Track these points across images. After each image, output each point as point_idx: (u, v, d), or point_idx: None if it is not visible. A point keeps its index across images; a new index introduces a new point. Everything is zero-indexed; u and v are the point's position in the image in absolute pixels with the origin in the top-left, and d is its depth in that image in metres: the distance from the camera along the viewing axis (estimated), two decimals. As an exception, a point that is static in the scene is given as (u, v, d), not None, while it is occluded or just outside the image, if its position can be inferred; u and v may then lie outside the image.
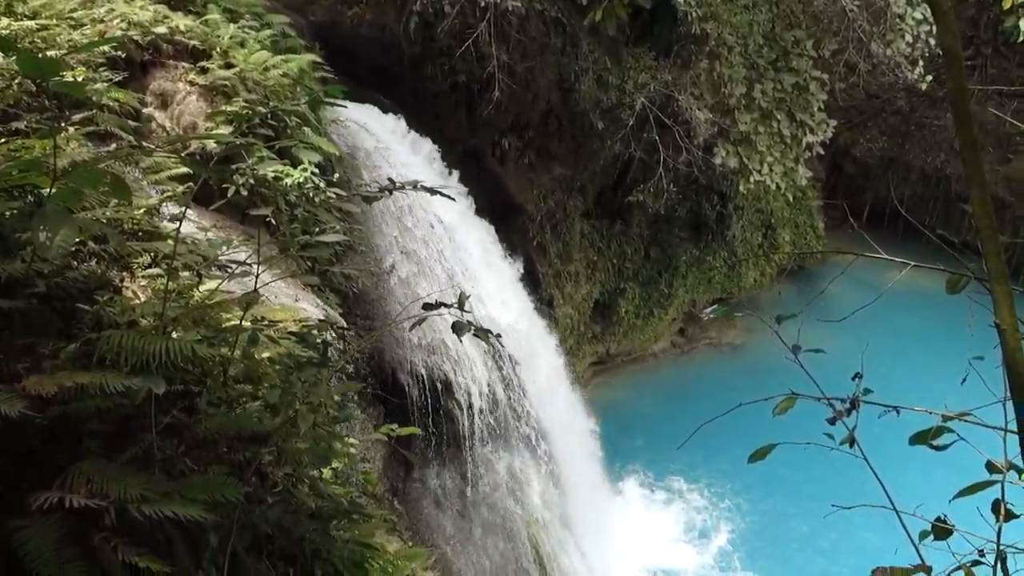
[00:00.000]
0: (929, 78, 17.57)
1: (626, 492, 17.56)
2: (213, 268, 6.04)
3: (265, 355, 5.68)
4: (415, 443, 12.30)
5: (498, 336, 5.04)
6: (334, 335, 6.46)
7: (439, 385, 12.28)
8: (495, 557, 13.39)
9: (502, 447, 13.90)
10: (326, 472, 6.38)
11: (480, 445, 13.36)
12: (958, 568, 2.55)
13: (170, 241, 5.12)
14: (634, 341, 20.47)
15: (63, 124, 6.69)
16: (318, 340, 5.25)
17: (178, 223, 4.49)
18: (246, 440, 4.96)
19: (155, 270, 5.56)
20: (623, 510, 17.09)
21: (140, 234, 5.79)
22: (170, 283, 5.22)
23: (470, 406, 12.68)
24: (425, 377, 12.21)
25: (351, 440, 6.59)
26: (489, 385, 13.18)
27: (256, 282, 5.04)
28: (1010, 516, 2.62)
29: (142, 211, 5.94)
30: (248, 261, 5.44)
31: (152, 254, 5.92)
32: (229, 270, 5.52)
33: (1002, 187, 23.79)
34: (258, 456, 4.70)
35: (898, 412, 2.58)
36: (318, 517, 4.58)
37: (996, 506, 2.64)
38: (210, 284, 5.82)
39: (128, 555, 3.60)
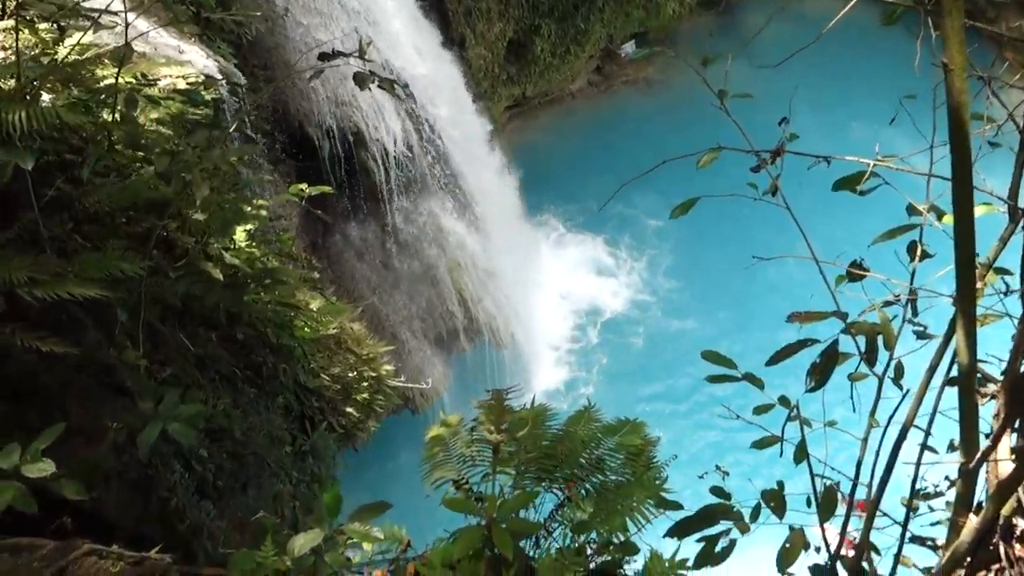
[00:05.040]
0: None
1: (545, 234, 17.94)
2: (78, 18, 5.33)
3: (153, 116, 5.20)
4: (331, 199, 12.03)
5: (405, 86, 4.68)
6: (226, 91, 5.92)
7: (350, 137, 11.79)
8: (421, 303, 13.75)
9: (421, 196, 13.77)
10: (239, 235, 6.17)
11: (398, 196, 13.18)
12: (871, 309, 2.60)
13: (15, -13, 4.41)
14: (551, 81, 19.88)
15: None
16: (208, 98, 4.80)
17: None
18: (143, 210, 4.66)
19: (5, 22, 4.86)
20: (543, 252, 17.56)
21: (-21, -21, 4.99)
22: (26, 35, 4.60)
23: (384, 157, 12.32)
24: (335, 130, 11.67)
25: (261, 201, 6.31)
26: (403, 134, 12.74)
27: (127, 32, 4.47)
28: (925, 256, 2.63)
29: (-23, -49, 5.07)
30: (116, 9, 4.79)
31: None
32: (94, 17, 4.87)
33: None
34: (157, 227, 4.42)
35: (828, 162, 2.47)
36: (231, 285, 4.43)
37: (912, 247, 2.64)
38: (76, 37, 5.15)
39: (27, 340, 3.43)
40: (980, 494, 2.25)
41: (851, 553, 2.70)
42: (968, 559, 2.04)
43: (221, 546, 5.00)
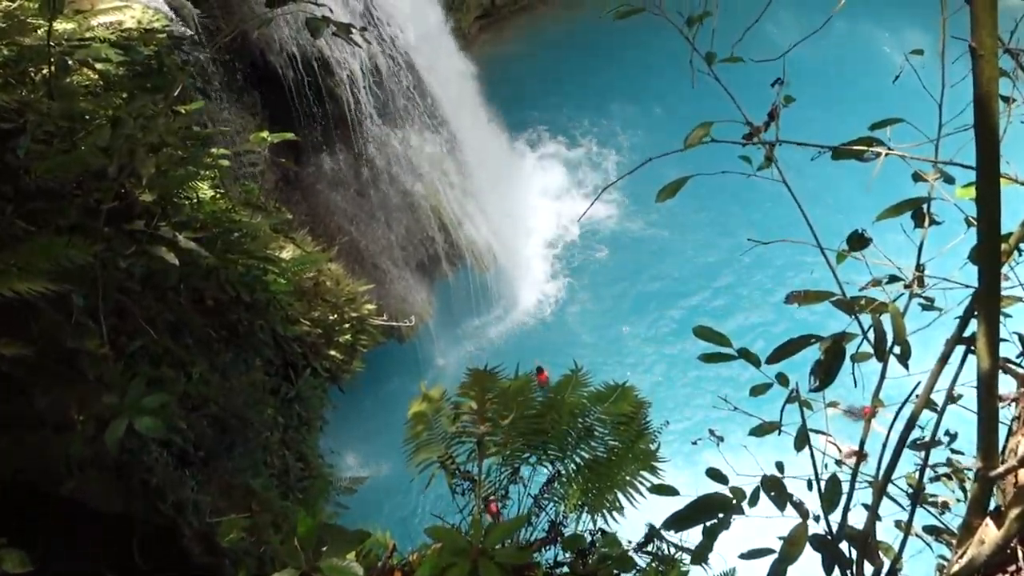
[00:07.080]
0: None
1: (524, 150, 17.48)
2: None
3: (97, 66, 4.83)
4: (300, 130, 11.58)
5: (363, 30, 4.33)
6: (170, 41, 5.50)
7: (315, 63, 11.26)
8: (400, 231, 13.46)
9: (393, 120, 13.30)
10: (203, 186, 5.87)
11: (369, 122, 12.71)
12: (873, 284, 2.42)
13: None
14: (520, -14, 19.11)
15: None
16: (147, 52, 4.43)
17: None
18: (94, 177, 4.36)
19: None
20: (522, 169, 17.16)
21: None
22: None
23: (352, 82, 11.81)
24: (298, 56, 11.13)
25: (222, 151, 5.97)
26: (371, 57, 12.19)
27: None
28: (933, 223, 2.43)
29: None
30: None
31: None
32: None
33: None
34: (106, 201, 4.12)
35: (833, 152, 2.23)
36: (188, 263, 4.18)
37: (919, 215, 2.44)
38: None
39: (-25, 346, 3.21)
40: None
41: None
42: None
43: (209, 516, 4.92)
